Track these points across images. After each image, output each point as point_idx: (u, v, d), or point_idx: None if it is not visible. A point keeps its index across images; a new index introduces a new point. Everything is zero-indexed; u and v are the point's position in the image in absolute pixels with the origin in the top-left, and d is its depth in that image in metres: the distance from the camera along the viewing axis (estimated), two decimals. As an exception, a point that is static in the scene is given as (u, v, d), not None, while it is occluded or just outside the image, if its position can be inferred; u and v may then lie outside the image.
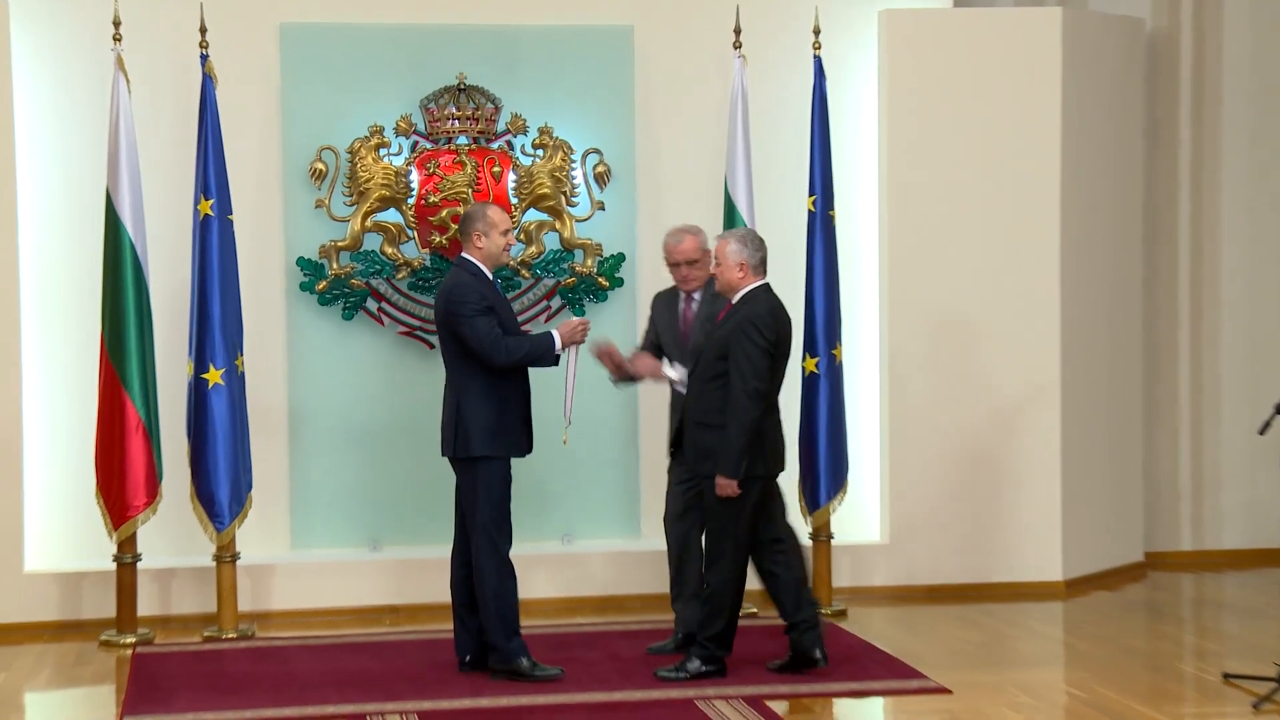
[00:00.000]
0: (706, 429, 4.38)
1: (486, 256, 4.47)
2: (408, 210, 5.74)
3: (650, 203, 5.94)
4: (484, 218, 4.46)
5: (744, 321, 4.37)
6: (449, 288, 4.44)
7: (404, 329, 5.79)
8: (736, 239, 4.44)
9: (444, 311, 4.39)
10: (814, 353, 5.41)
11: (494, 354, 4.31)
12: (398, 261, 5.72)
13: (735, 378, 4.29)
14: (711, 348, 4.43)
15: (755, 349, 4.33)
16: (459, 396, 4.34)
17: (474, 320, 4.31)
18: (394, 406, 5.83)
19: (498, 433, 4.35)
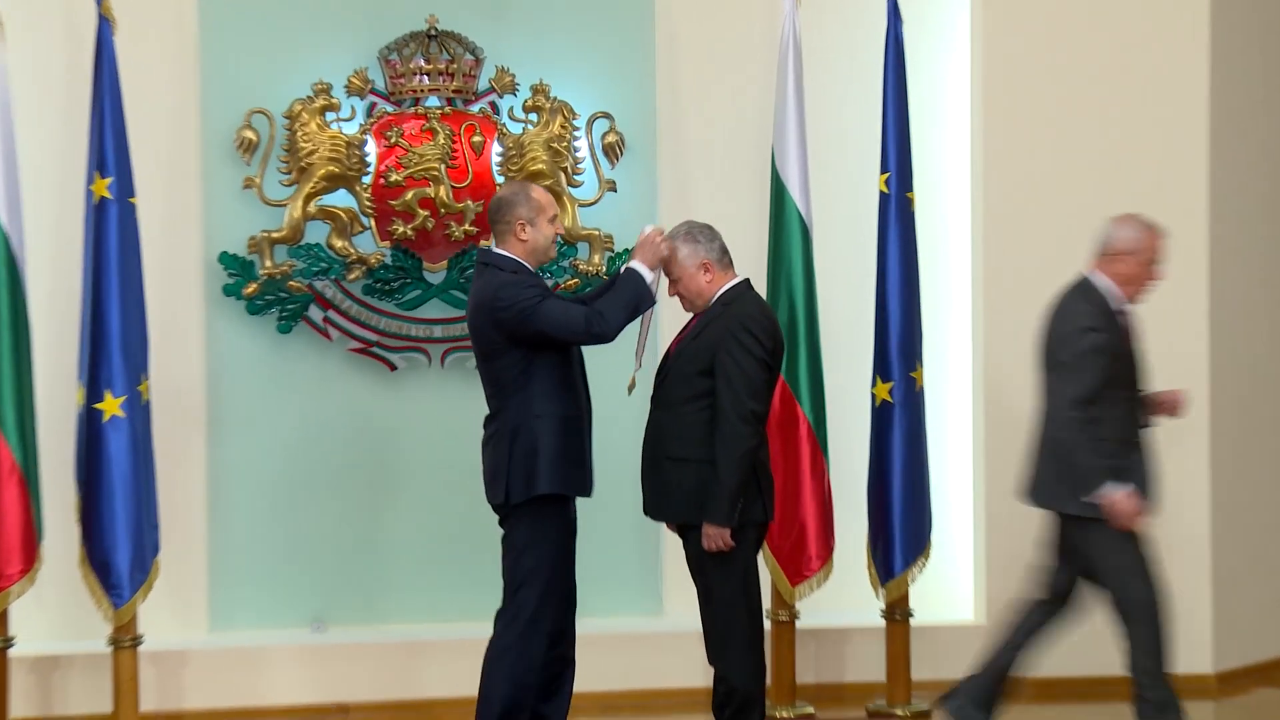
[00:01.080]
0: (683, 466, 4.30)
1: (531, 252, 4.40)
2: (362, 192, 5.64)
3: (675, 183, 5.89)
4: (528, 201, 4.38)
5: (733, 325, 4.29)
6: (487, 294, 4.30)
7: (357, 345, 5.70)
8: (682, 238, 4.41)
9: (489, 324, 4.28)
10: (887, 376, 5.32)
11: (595, 325, 4.24)
12: (349, 258, 5.63)
13: (725, 397, 4.22)
14: (687, 361, 4.35)
15: (750, 359, 4.26)
16: (517, 425, 4.29)
17: (545, 307, 4.22)
18: (345, 445, 5.78)
19: (568, 466, 4.32)
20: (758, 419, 4.30)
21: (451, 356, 5.77)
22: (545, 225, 4.42)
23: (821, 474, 5.34)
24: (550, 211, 4.42)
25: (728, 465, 4.22)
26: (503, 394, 4.40)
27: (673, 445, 4.35)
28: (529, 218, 4.39)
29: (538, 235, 4.41)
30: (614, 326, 4.30)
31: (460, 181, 5.68)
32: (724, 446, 4.23)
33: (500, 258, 4.41)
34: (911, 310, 5.35)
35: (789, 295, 5.35)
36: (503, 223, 4.43)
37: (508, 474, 4.34)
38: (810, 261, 5.38)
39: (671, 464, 4.34)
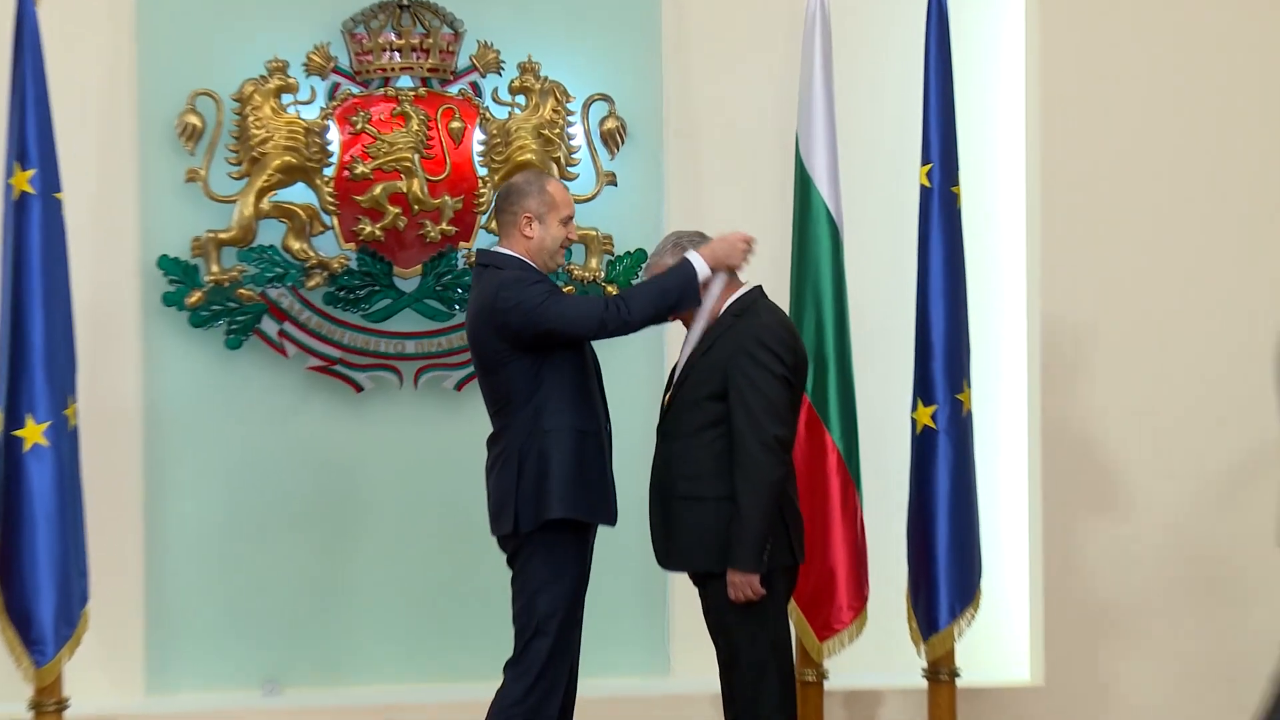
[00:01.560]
0: (698, 506, 4.30)
1: (536, 251, 4.42)
2: (324, 186, 5.62)
3: (685, 176, 5.88)
4: (541, 194, 4.42)
5: (745, 339, 4.28)
6: (487, 297, 4.32)
7: (317, 362, 5.68)
8: (670, 253, 4.42)
9: (492, 330, 4.31)
10: (930, 399, 5.25)
11: (612, 313, 4.26)
12: (308, 262, 5.61)
13: (742, 422, 4.21)
14: (695, 384, 4.34)
15: (768, 377, 4.24)
16: (524, 442, 4.33)
17: (553, 303, 4.26)
18: (304, 478, 5.75)
19: (586, 487, 4.34)
20: (783, 446, 4.26)
21: (426, 376, 5.72)
22: (555, 225, 4.42)
23: (854, 512, 5.31)
24: (565, 211, 4.43)
25: (752, 501, 4.20)
26: (508, 410, 4.40)
27: (684, 482, 4.33)
28: (539, 212, 4.40)
29: (545, 235, 4.42)
30: (636, 316, 4.26)
31: (437, 174, 5.64)
32: (745, 480, 4.21)
33: (501, 256, 4.41)
34: (957, 322, 5.29)
35: (816, 304, 5.31)
36: (508, 213, 4.43)
37: (516, 499, 4.33)
38: (840, 265, 5.33)
39: (684, 504, 4.33)
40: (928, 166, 5.29)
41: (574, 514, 4.32)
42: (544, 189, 4.45)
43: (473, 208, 5.65)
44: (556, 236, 4.44)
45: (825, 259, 5.32)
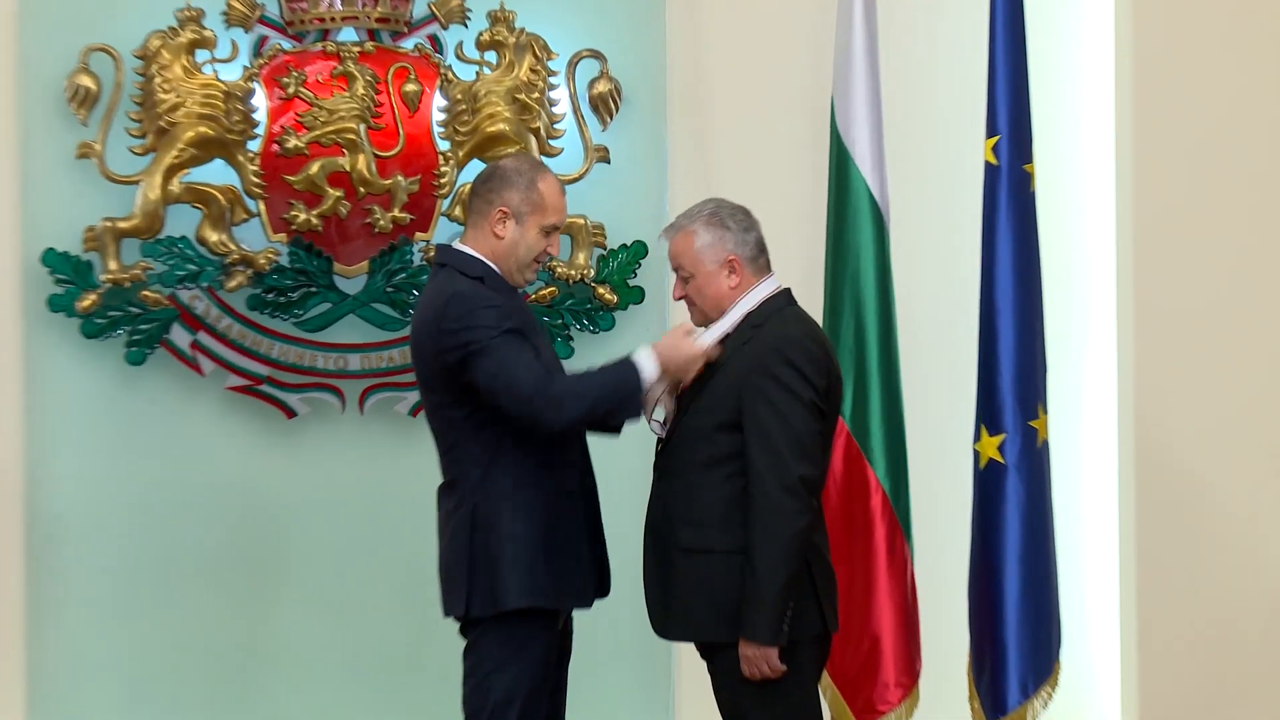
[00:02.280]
0: (704, 560, 4.31)
1: (503, 256, 4.41)
2: (248, 163, 5.61)
3: (692, 150, 5.90)
4: (528, 189, 4.41)
5: (767, 355, 4.29)
6: (434, 307, 4.34)
7: (241, 382, 5.70)
8: (704, 220, 4.44)
9: (434, 346, 4.31)
10: (997, 426, 5.20)
11: (546, 403, 4.26)
12: (229, 257, 5.59)
13: (761, 459, 4.22)
14: (703, 410, 4.36)
15: (794, 404, 4.24)
16: (478, 506, 4.34)
17: (496, 348, 4.26)
18: (222, 522, 5.76)
19: (554, 568, 4.35)
20: (809, 488, 4.24)
21: (375, 398, 5.70)
22: (535, 232, 4.40)
23: (902, 565, 5.31)
24: (551, 218, 4.42)
25: (770, 556, 4.18)
26: (460, 456, 4.38)
27: (688, 530, 4.31)
28: (519, 211, 4.39)
29: (519, 240, 4.39)
30: (564, 418, 4.25)
31: (387, 149, 5.64)
32: (763, 530, 4.19)
33: (463, 258, 4.40)
34: (1031, 332, 5.25)
35: (856, 310, 5.32)
36: (482, 199, 4.42)
37: (468, 577, 4.31)
38: (886, 261, 5.33)
39: (687, 558, 4.31)
40: (994, 140, 5.26)
41: (537, 602, 4.29)
42: (534, 184, 4.40)
43: (431, 190, 5.62)
44: (532, 246, 4.39)
45: (867, 253, 5.32)
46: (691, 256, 4.40)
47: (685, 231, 4.42)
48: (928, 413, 5.57)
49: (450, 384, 4.28)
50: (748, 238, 4.41)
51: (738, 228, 4.40)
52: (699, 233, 4.40)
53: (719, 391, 4.31)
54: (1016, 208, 5.23)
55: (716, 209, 4.44)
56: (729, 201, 4.49)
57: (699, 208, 4.48)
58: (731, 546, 4.23)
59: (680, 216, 4.49)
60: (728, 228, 4.39)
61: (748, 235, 4.41)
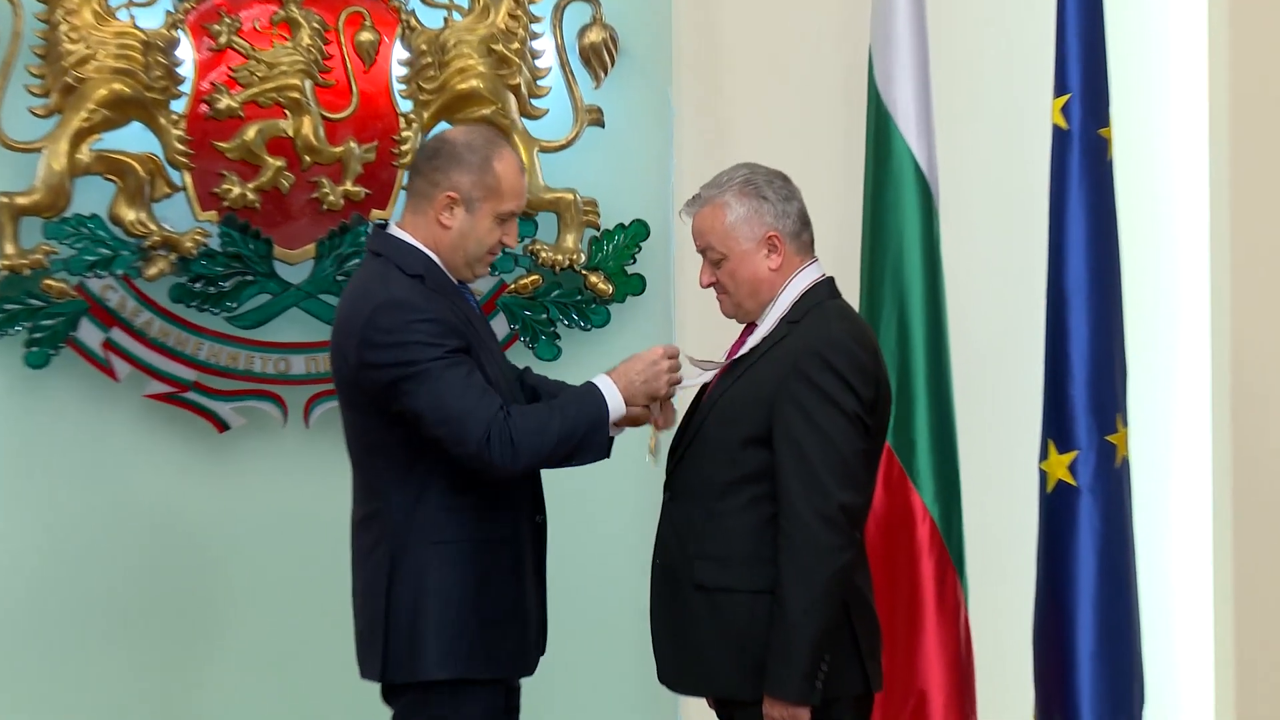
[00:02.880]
0: (725, 601, 4.28)
1: (449, 249, 4.35)
2: (172, 127, 5.58)
3: (701, 112, 5.90)
4: (482, 169, 4.35)
5: (803, 357, 4.26)
6: (360, 309, 4.29)
7: (163, 388, 5.67)
8: (737, 190, 4.41)
9: (356, 356, 4.26)
10: (1068, 442, 5.14)
11: (500, 445, 4.24)
12: (148, 239, 5.55)
13: (795, 483, 4.19)
14: (727, 420, 4.34)
15: (837, 417, 4.21)
16: (399, 550, 4.31)
17: (435, 374, 4.22)
18: (142, 557, 5.72)
19: (489, 630, 4.33)
20: (851, 518, 4.18)
21: (323, 408, 5.68)
22: (488, 222, 4.35)
23: (955, 608, 5.28)
24: (509, 204, 4.36)
25: (803, 600, 4.14)
26: (381, 487, 4.33)
27: (706, 566, 4.26)
28: (470, 196, 4.32)
29: (469, 231, 4.34)
30: (521, 462, 4.23)
31: (338, 110, 5.63)
32: (796, 567, 4.14)
33: (400, 247, 4.34)
34: (1108, 329, 5.20)
35: (898, 304, 5.30)
36: (426, 179, 4.35)
37: (384, 635, 4.28)
38: (934, 243, 5.31)
39: (705, 598, 4.26)
40: (1063, 99, 5.20)
41: (465, 673, 4.23)
42: (489, 164, 4.33)
43: (390, 159, 5.60)
44: (484, 239, 4.34)
45: (912, 235, 5.30)
46: (722, 234, 4.32)
47: (714, 204, 4.34)
48: (984, 426, 5.56)
49: (372, 405, 4.24)
50: (789, 209, 4.34)
51: (777, 197, 4.33)
52: (731, 205, 4.32)
53: (745, 399, 4.26)
54: (1090, 180, 5.17)
55: (750, 175, 4.37)
56: (763, 166, 4.42)
57: (728, 175, 4.41)
58: (758, 585, 4.18)
59: (706, 187, 4.40)
60: (765, 197, 4.32)
61: (789, 206, 4.34)
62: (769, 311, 4.32)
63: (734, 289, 4.35)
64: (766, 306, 4.32)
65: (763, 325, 4.33)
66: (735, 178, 4.38)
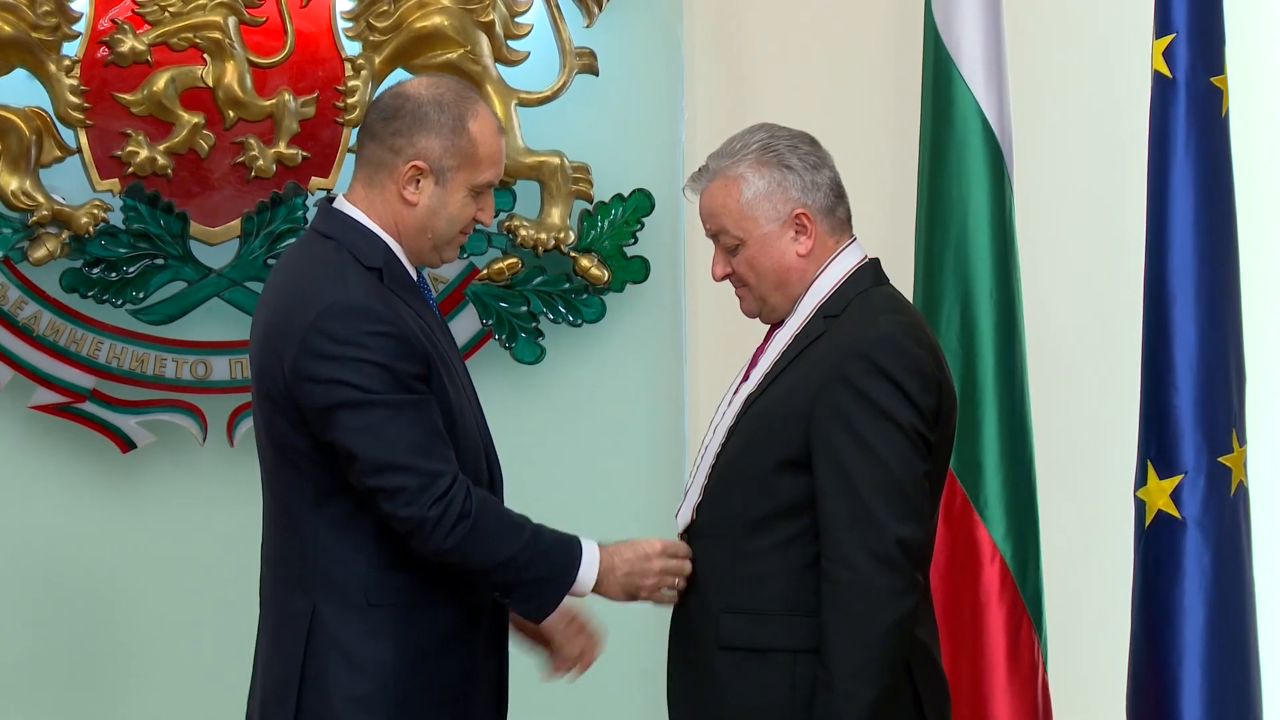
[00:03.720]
0: (759, 664, 4.25)
1: (413, 230, 4.33)
2: (63, 74, 5.57)
3: (719, 56, 5.95)
4: (455, 131, 4.32)
5: (847, 360, 4.23)
6: (311, 303, 4.24)
7: (54, 398, 5.68)
8: (754, 159, 4.36)
9: (291, 360, 4.23)
10: (1170, 465, 5.09)
11: (441, 516, 4.21)
12: (35, 214, 5.56)
13: (840, 514, 4.16)
14: (757, 443, 4.30)
15: (891, 432, 4.18)
16: (317, 614, 4.27)
17: (387, 408, 4.20)
18: (31, 603, 5.74)
19: (408, 699, 4.28)
20: (912, 558, 4.13)
21: (250, 423, 5.38)
22: (461, 194, 4.30)
23: (1031, 665, 5.28)
24: (485, 173, 4.32)
25: (855, 661, 4.09)
26: (297, 519, 4.28)
27: (734, 621, 4.22)
28: (440, 165, 4.27)
29: (440, 206, 4.30)
30: (471, 551, 4.22)
31: (269, 53, 5.62)
32: (844, 621, 4.10)
33: (355, 230, 4.28)
34: (1220, 328, 5.13)
35: (962, 294, 5.32)
36: (383, 145, 4.28)
37: (296, 708, 4.23)
38: (1007, 222, 5.30)
39: (730, 658, 4.22)
40: (1166, 40, 5.13)
41: None
42: (463, 124, 4.28)
43: (333, 114, 5.59)
44: (457, 217, 4.30)
45: (979, 209, 5.30)
46: (738, 214, 4.25)
47: (726, 178, 4.27)
48: (1068, 446, 5.56)
49: (302, 424, 4.20)
50: (819, 179, 4.26)
51: (803, 165, 4.25)
52: (747, 178, 4.24)
53: (777, 414, 4.22)
54: (1200, 141, 5.10)
55: (770, 140, 4.28)
56: (784, 128, 4.32)
57: (742, 140, 4.34)
58: (798, 644, 4.13)
59: (715, 157, 4.32)
60: (789, 166, 4.24)
61: (818, 175, 4.26)
62: (800, 305, 4.28)
63: (755, 281, 4.28)
64: (797, 300, 4.27)
65: (792, 321, 4.29)
66: (751, 143, 4.30)
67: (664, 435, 5.64)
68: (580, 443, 5.45)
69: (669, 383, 5.81)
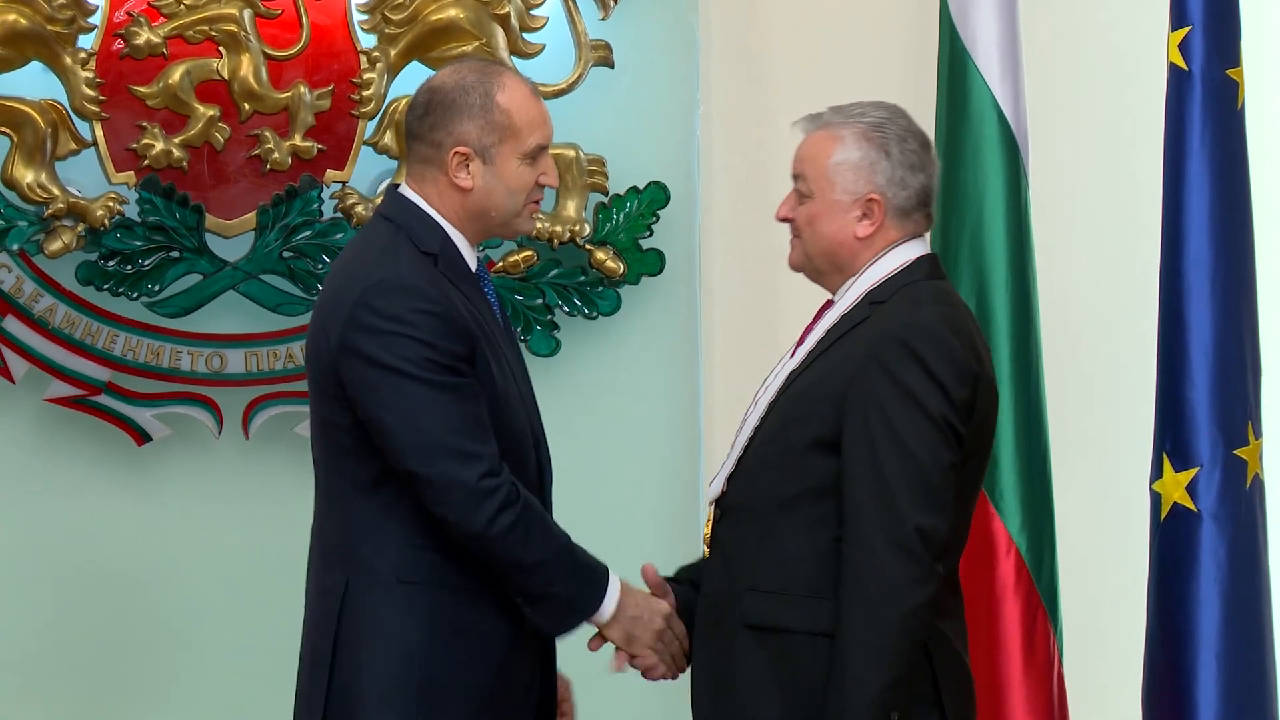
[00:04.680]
0: (776, 643, 4.26)
1: (476, 212, 4.37)
2: (79, 68, 5.54)
3: (736, 49, 5.93)
4: (486, 110, 4.34)
5: (885, 346, 4.24)
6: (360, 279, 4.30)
7: (70, 390, 5.65)
8: (862, 130, 4.39)
9: (337, 340, 4.29)
10: (1186, 458, 5.11)
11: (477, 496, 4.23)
12: (50, 207, 5.54)
13: (861, 497, 4.19)
14: (791, 419, 4.33)
15: (921, 421, 4.19)
16: (350, 584, 4.30)
17: (418, 390, 4.23)
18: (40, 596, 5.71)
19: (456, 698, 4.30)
20: (931, 547, 4.12)
21: (266, 414, 5.67)
22: (515, 164, 4.31)
23: (1047, 659, 5.29)
24: (532, 137, 4.33)
25: (867, 645, 4.10)
26: (341, 497, 4.30)
27: (758, 601, 4.24)
28: (482, 144, 4.29)
29: (494, 184, 4.31)
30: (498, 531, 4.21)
31: (285, 46, 5.59)
32: (859, 605, 4.12)
33: (417, 216, 4.34)
34: (1236, 320, 5.15)
35: (977, 286, 5.33)
36: (424, 142, 4.33)
37: (327, 688, 4.26)
38: (1023, 214, 5.31)
39: (754, 639, 4.23)
40: (1182, 33, 5.13)
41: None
42: (490, 99, 4.29)
43: (349, 107, 5.58)
44: (518, 187, 4.30)
45: (994, 202, 5.31)
46: (821, 170, 4.27)
47: (829, 133, 4.30)
48: (1083, 438, 5.57)
49: (346, 400, 4.25)
50: (911, 180, 4.29)
51: (903, 161, 4.28)
52: (846, 142, 4.28)
53: (814, 394, 4.23)
54: (1216, 134, 5.10)
55: (886, 121, 4.33)
56: (909, 118, 4.38)
57: (862, 109, 4.38)
58: (819, 626, 4.15)
59: (833, 110, 4.35)
60: (888, 153, 4.26)
61: (912, 177, 4.29)
62: (849, 287, 4.30)
63: (808, 236, 4.30)
64: (841, 276, 4.30)
65: (841, 303, 4.30)
66: (868, 116, 4.33)
67: (679, 427, 5.64)
68: (596, 435, 5.44)
69: (684, 375, 5.81)
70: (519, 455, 4.34)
